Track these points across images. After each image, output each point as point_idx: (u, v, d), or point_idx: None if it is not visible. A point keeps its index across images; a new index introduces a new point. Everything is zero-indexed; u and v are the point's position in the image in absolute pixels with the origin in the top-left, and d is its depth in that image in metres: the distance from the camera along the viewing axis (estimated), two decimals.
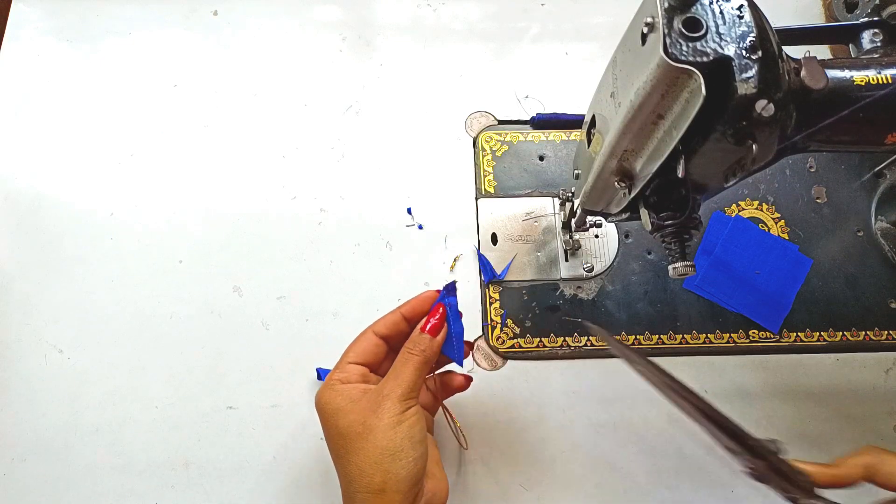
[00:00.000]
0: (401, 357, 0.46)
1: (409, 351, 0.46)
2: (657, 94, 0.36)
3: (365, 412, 0.44)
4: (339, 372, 0.47)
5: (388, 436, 0.43)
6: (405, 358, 0.46)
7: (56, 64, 0.69)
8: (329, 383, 0.46)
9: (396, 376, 0.45)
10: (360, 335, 0.49)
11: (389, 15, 0.72)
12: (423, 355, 0.46)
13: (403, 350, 0.46)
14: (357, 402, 0.44)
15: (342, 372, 0.47)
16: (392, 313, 0.49)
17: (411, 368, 0.45)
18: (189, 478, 0.55)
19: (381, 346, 0.48)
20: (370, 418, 0.43)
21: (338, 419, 0.44)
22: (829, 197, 0.65)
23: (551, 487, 0.55)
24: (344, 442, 0.44)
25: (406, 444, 0.43)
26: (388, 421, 0.43)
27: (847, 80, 0.40)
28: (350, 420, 0.44)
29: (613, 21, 0.71)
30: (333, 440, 0.45)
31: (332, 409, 0.45)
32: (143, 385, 0.58)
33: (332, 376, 0.47)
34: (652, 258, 0.63)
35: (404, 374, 0.45)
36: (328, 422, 0.45)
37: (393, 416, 0.43)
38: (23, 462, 0.55)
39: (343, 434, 0.44)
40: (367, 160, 0.66)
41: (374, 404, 0.44)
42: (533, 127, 0.67)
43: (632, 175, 0.43)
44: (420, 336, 0.46)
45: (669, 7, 0.35)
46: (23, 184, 0.64)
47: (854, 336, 0.61)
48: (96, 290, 0.60)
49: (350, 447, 0.43)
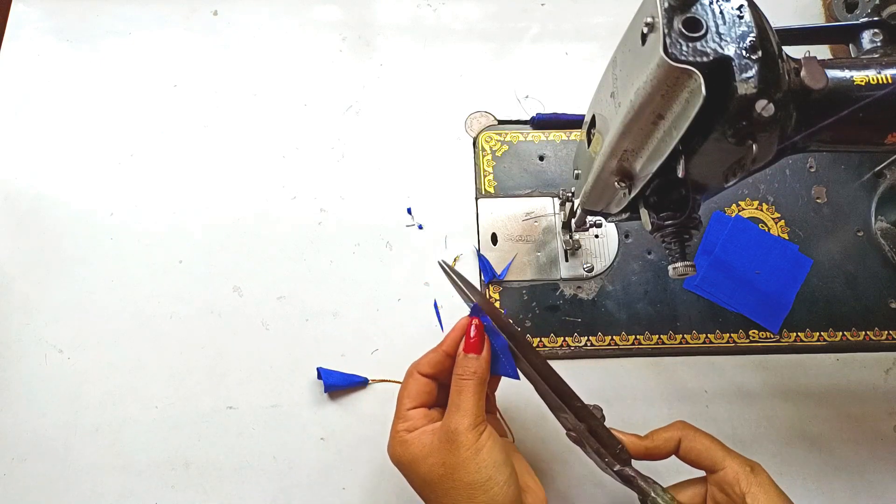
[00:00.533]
0: (455, 387, 0.44)
1: (460, 378, 0.44)
2: (657, 94, 0.36)
3: (442, 453, 0.42)
4: (401, 422, 0.45)
5: (471, 469, 0.42)
6: (459, 386, 0.44)
7: (56, 64, 0.69)
8: (397, 437, 0.45)
9: (458, 407, 0.43)
10: (408, 379, 0.47)
11: (389, 15, 0.72)
12: (476, 377, 0.44)
13: (455, 379, 0.45)
14: (430, 446, 0.43)
15: (405, 421, 0.45)
16: (433, 352, 0.47)
17: (469, 394, 0.44)
18: (189, 478, 0.55)
19: (431, 385, 0.47)
20: (448, 458, 0.42)
21: (418, 468, 0.43)
22: (829, 197, 0.65)
23: (551, 487, 0.55)
24: (431, 487, 0.43)
25: (492, 471, 0.42)
26: (466, 455, 0.42)
27: (847, 80, 0.40)
28: (429, 464, 0.43)
29: (613, 21, 0.71)
30: (421, 489, 0.44)
31: (408, 459, 0.44)
32: (143, 385, 0.58)
33: (396, 428, 0.45)
34: (652, 258, 0.63)
35: (464, 402, 0.43)
36: (410, 474, 0.44)
37: (469, 448, 0.42)
38: (23, 462, 0.55)
39: (427, 480, 0.43)
40: (367, 160, 0.66)
41: (448, 442, 0.42)
42: (533, 127, 0.67)
43: (632, 175, 0.43)
44: (465, 358, 0.45)
45: (669, 7, 0.35)
46: (23, 184, 0.64)
47: (854, 336, 0.61)
48: (96, 290, 0.60)
49: (438, 490, 0.42)
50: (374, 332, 0.60)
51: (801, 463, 0.47)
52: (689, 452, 0.46)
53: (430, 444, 0.43)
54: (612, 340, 0.60)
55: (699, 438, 0.46)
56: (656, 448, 0.47)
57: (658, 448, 0.47)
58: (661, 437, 0.47)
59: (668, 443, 0.47)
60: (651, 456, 0.47)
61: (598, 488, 0.55)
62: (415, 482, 0.44)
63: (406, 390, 0.46)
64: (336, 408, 0.57)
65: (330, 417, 0.57)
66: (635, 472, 0.46)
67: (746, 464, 0.45)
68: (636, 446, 0.47)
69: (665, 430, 0.47)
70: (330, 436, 0.57)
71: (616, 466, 0.46)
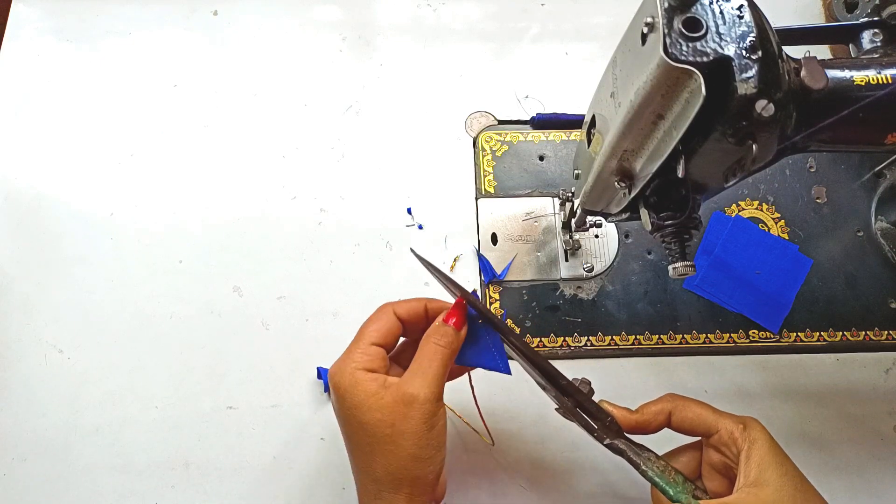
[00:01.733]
0: (427, 349, 0.43)
1: (436, 343, 0.43)
2: (657, 94, 0.36)
3: (394, 413, 0.41)
4: (360, 354, 0.43)
5: (419, 442, 0.41)
6: (433, 350, 0.42)
7: (56, 64, 0.69)
8: (349, 369, 0.42)
9: (425, 373, 0.42)
10: (380, 313, 0.45)
11: (389, 15, 0.72)
12: (450, 348, 0.43)
13: (429, 341, 0.43)
14: (380, 398, 0.41)
15: (364, 355, 0.43)
16: (415, 301, 0.46)
17: (438, 363, 0.42)
18: (189, 478, 0.55)
19: (399, 329, 0.45)
20: (400, 422, 0.41)
21: (361, 414, 0.41)
22: (829, 197, 0.65)
23: (552, 487, 0.55)
24: (369, 440, 0.41)
25: (435, 451, 0.42)
26: (419, 426, 0.41)
27: (847, 80, 0.40)
28: (376, 419, 0.41)
29: (613, 21, 0.71)
30: (355, 434, 0.42)
31: (354, 401, 0.42)
32: (143, 385, 0.58)
33: (353, 356, 0.43)
34: (652, 258, 0.63)
35: (433, 370, 0.42)
36: (349, 413, 0.42)
37: (424, 420, 0.41)
38: (23, 462, 0.55)
39: (368, 432, 0.41)
40: (367, 160, 0.66)
41: (404, 405, 0.41)
42: (533, 127, 0.67)
43: (632, 175, 0.43)
44: (445, 327, 0.43)
45: (669, 7, 0.35)
46: (23, 184, 0.64)
47: (854, 336, 0.61)
48: (96, 290, 0.60)
49: (377, 448, 0.41)
50: None
51: (801, 463, 0.47)
52: (681, 423, 0.46)
53: (382, 397, 0.41)
54: (612, 340, 0.60)
55: (689, 407, 0.46)
56: (646, 422, 0.46)
57: (648, 422, 0.46)
58: (650, 411, 0.46)
59: (659, 416, 0.46)
60: (642, 429, 0.46)
61: (598, 488, 0.55)
62: (351, 425, 0.42)
63: (375, 323, 0.44)
64: None
65: (330, 417, 0.57)
66: (626, 444, 0.46)
67: (739, 421, 0.44)
68: (626, 420, 0.46)
69: (655, 403, 0.47)
70: (330, 436, 0.56)
71: (606, 440, 0.46)
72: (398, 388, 0.42)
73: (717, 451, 0.45)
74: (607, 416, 0.46)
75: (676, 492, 0.44)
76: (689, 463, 0.47)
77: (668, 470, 0.45)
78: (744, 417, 0.45)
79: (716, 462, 0.45)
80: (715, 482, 0.46)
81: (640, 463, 0.46)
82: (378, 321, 0.45)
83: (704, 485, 0.46)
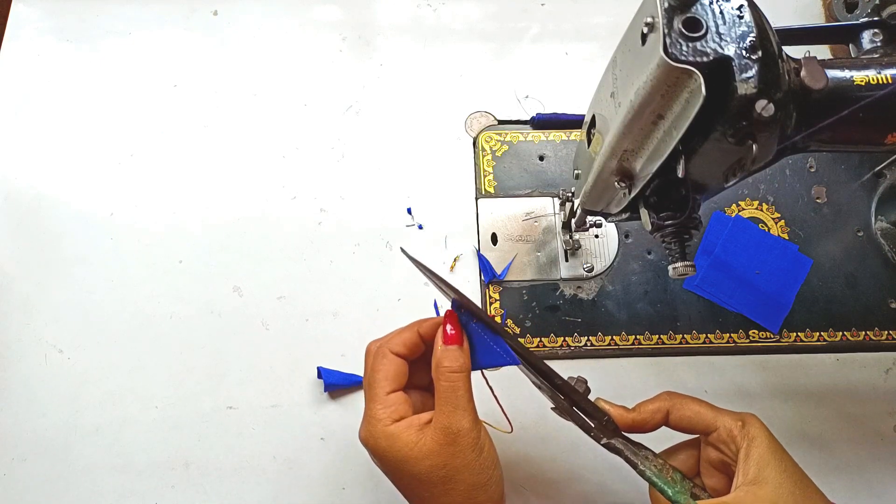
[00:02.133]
0: (446, 383, 0.42)
1: (451, 371, 0.42)
2: (657, 94, 0.36)
3: (443, 455, 0.41)
4: (382, 408, 0.42)
5: (475, 471, 0.41)
6: (452, 381, 0.42)
7: (56, 64, 0.69)
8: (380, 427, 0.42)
9: (455, 406, 0.41)
10: (381, 359, 0.44)
11: (389, 15, 0.72)
12: (464, 369, 0.42)
13: (444, 373, 0.42)
14: (424, 445, 0.41)
15: (386, 407, 0.42)
16: (407, 331, 0.45)
17: (464, 390, 0.42)
18: (189, 478, 0.55)
19: (405, 366, 0.45)
20: (451, 460, 0.40)
21: (412, 468, 0.41)
22: (829, 197, 0.65)
23: (552, 487, 0.55)
24: (428, 487, 0.41)
25: (492, 471, 0.42)
26: (470, 457, 0.41)
27: (847, 80, 0.40)
28: (427, 466, 0.41)
29: (613, 21, 0.71)
30: (411, 486, 0.42)
31: (399, 457, 0.41)
32: (143, 385, 0.58)
33: (376, 416, 0.42)
34: (652, 258, 0.63)
35: (461, 399, 0.41)
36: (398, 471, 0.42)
37: (472, 449, 0.41)
38: (23, 462, 0.55)
39: (424, 480, 0.41)
40: (367, 160, 0.66)
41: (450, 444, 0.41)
42: (533, 127, 0.67)
43: (632, 175, 0.43)
44: (449, 350, 0.43)
45: (669, 7, 0.35)
46: (23, 184, 0.64)
47: (854, 336, 0.61)
48: (96, 290, 0.60)
49: (436, 491, 0.41)
50: (374, 332, 0.59)
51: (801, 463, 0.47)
52: (679, 422, 0.46)
53: (425, 443, 0.41)
54: (612, 340, 0.60)
55: (687, 405, 0.45)
56: (643, 420, 0.46)
57: (645, 420, 0.46)
58: (648, 409, 0.46)
59: (656, 415, 0.46)
60: (639, 428, 0.46)
61: (598, 487, 0.55)
62: (403, 479, 0.42)
63: (382, 372, 0.43)
64: (336, 408, 0.57)
65: (330, 417, 0.57)
66: (623, 443, 0.46)
67: (737, 418, 0.44)
68: (623, 418, 0.46)
69: (652, 402, 0.46)
70: (330, 436, 0.57)
71: (603, 439, 0.46)
72: (436, 428, 0.41)
73: (715, 448, 0.45)
74: (604, 415, 0.46)
75: (675, 491, 0.44)
76: (687, 460, 0.47)
77: (665, 468, 0.45)
78: (742, 414, 0.44)
79: (714, 459, 0.45)
80: (713, 479, 0.45)
81: (638, 462, 0.45)
82: (383, 368, 0.44)
83: (703, 482, 0.46)
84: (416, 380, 0.46)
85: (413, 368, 0.46)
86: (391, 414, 0.42)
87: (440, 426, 0.41)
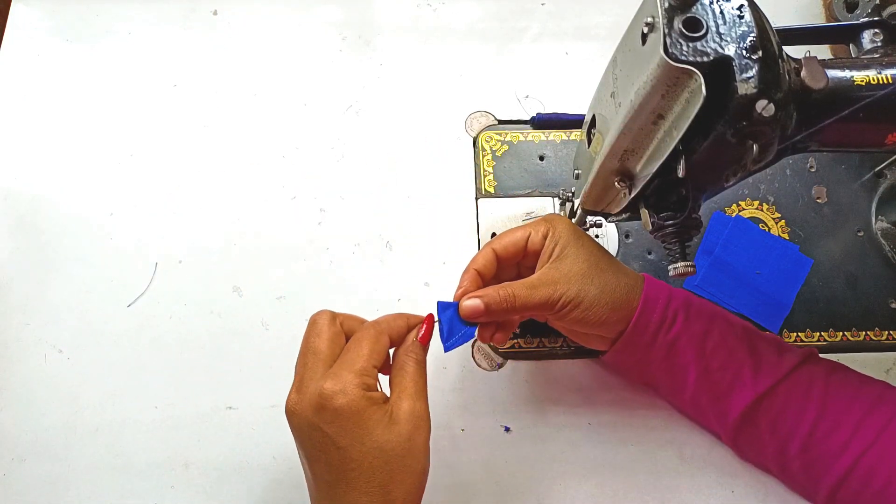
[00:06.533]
0: (417, 371, 0.43)
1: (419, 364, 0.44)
2: (657, 94, 0.36)
3: (408, 427, 0.41)
4: (366, 376, 0.41)
5: (426, 457, 0.42)
6: (421, 372, 0.44)
7: (56, 64, 0.69)
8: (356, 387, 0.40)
9: (421, 392, 0.43)
10: (380, 337, 0.44)
11: (389, 15, 0.72)
12: (424, 364, 0.45)
13: (415, 364, 0.44)
14: (396, 418, 0.41)
15: (370, 377, 0.41)
16: (401, 320, 0.46)
17: (425, 380, 0.44)
18: (189, 478, 0.55)
19: (387, 354, 0.45)
20: (415, 435, 0.41)
21: (379, 434, 0.40)
22: (829, 197, 0.65)
23: (552, 487, 0.55)
24: (387, 458, 0.40)
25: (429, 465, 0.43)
26: (424, 442, 0.42)
27: (847, 80, 0.40)
28: (394, 436, 0.40)
29: (613, 21, 0.71)
30: (367, 458, 0.40)
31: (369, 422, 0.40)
32: (143, 385, 0.58)
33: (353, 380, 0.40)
34: (652, 258, 0.63)
35: (424, 388, 0.43)
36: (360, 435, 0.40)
37: (426, 438, 0.42)
38: (23, 462, 0.55)
39: (387, 450, 0.40)
40: (367, 160, 0.66)
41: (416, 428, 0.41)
42: (533, 127, 0.67)
43: (632, 175, 0.43)
44: (421, 347, 0.45)
45: (669, 7, 0.35)
46: (23, 184, 0.64)
47: (854, 336, 0.61)
48: (96, 290, 0.60)
49: (395, 466, 0.40)
50: None
51: None
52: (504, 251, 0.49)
53: (397, 417, 0.41)
54: None
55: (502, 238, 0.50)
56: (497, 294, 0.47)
57: None
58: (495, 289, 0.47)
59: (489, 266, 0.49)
60: None
61: (598, 488, 0.55)
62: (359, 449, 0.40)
63: (373, 345, 0.42)
64: None
65: None
66: None
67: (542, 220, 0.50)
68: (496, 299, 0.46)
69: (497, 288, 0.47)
70: None
71: None
72: (410, 409, 0.41)
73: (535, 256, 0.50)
74: None
75: None
76: None
77: None
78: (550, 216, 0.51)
79: None
80: None
81: None
82: (372, 344, 0.43)
83: None
84: None
85: None
86: (369, 384, 0.41)
87: (413, 407, 0.42)
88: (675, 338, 0.49)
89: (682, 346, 0.49)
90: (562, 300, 0.46)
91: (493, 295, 0.46)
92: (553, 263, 0.48)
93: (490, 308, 0.46)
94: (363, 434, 0.40)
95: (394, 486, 0.40)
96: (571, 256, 0.48)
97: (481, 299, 0.46)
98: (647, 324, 0.49)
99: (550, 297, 0.46)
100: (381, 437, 0.40)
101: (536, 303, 0.46)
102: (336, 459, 0.40)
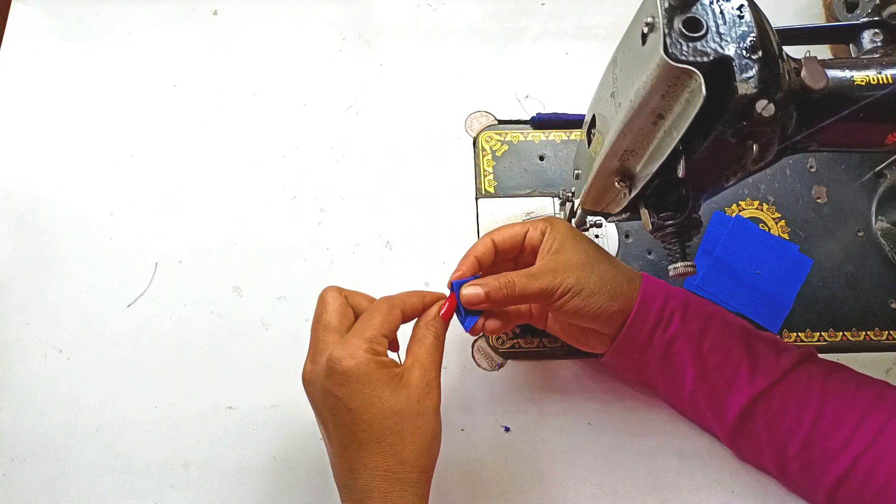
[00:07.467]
0: (435, 343, 0.45)
1: (438, 339, 0.46)
2: (657, 94, 0.36)
3: (419, 391, 0.42)
4: (375, 343, 0.42)
5: (438, 421, 0.43)
6: (438, 345, 0.45)
7: (56, 64, 0.69)
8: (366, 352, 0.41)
9: (435, 362, 0.44)
10: (394, 310, 0.45)
11: (389, 15, 0.72)
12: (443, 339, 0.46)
13: (435, 337, 0.45)
14: (408, 380, 0.43)
15: (379, 344, 0.43)
16: (416, 299, 0.47)
17: (440, 354, 0.45)
18: (189, 478, 0.55)
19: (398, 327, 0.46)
20: (425, 399, 0.42)
21: (391, 394, 0.41)
22: (829, 197, 0.65)
23: (551, 487, 0.55)
24: (397, 419, 0.41)
25: (440, 430, 0.44)
26: (434, 406, 0.43)
27: (847, 80, 0.40)
28: (404, 396, 0.42)
29: (613, 21, 0.71)
30: (379, 417, 0.41)
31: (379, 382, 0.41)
32: (143, 385, 0.58)
33: (361, 345, 0.42)
34: (652, 258, 0.63)
35: (437, 356, 0.45)
36: (372, 396, 0.41)
37: (436, 403, 0.43)
38: (23, 462, 0.55)
39: (397, 411, 0.41)
40: (367, 160, 0.66)
41: (425, 386, 0.43)
42: (533, 127, 0.67)
43: (632, 175, 0.43)
44: (443, 323, 0.46)
45: (669, 7, 0.35)
46: (23, 184, 0.64)
47: (854, 336, 0.61)
48: (96, 290, 0.60)
49: (406, 427, 0.41)
50: None
51: None
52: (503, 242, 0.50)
53: (409, 380, 0.43)
54: None
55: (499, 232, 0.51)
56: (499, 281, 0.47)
57: None
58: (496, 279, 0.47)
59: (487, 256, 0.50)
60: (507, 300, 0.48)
61: (598, 488, 0.55)
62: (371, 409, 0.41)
63: (385, 316, 0.44)
64: None
65: None
66: None
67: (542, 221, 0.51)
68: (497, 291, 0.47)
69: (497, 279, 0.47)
70: None
71: None
72: (422, 374, 0.43)
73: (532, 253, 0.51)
74: None
75: None
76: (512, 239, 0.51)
77: None
78: (549, 217, 0.53)
79: None
80: None
81: None
82: (385, 314, 0.45)
83: None
84: None
85: None
86: (378, 349, 0.43)
87: (426, 373, 0.43)
88: (673, 337, 0.49)
89: (680, 346, 0.50)
90: (562, 287, 0.47)
91: (493, 283, 0.47)
92: (552, 255, 0.49)
93: (490, 295, 0.46)
94: (372, 396, 0.41)
95: (405, 447, 0.41)
96: (570, 249, 0.49)
97: (481, 287, 0.47)
98: (644, 322, 0.49)
99: (550, 285, 0.47)
100: (390, 399, 0.41)
101: (536, 290, 0.47)
102: (348, 421, 0.41)
